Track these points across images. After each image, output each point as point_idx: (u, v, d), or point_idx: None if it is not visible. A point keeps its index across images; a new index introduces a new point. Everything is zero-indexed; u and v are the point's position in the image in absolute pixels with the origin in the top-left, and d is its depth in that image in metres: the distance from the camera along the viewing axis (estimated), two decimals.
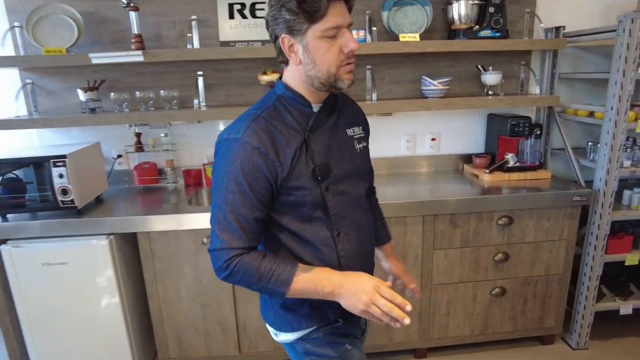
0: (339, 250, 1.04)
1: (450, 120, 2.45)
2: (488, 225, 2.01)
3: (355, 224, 1.07)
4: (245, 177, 0.93)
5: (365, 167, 1.14)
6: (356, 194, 1.08)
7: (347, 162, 1.06)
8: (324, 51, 0.92)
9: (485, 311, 2.14)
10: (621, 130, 1.95)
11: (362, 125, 1.15)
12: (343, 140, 1.07)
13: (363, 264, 1.10)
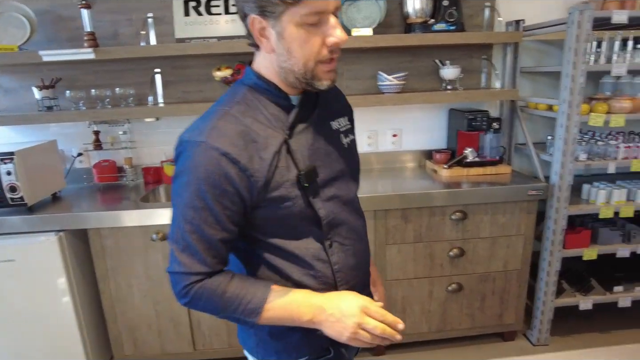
0: (333, 263, 0.90)
1: (411, 116, 2.44)
2: (441, 221, 1.99)
3: (351, 231, 0.93)
4: (210, 191, 0.77)
5: (355, 162, 1.00)
6: (348, 197, 0.94)
7: (335, 161, 0.91)
8: (302, 41, 0.75)
9: (442, 307, 2.12)
10: (574, 124, 1.93)
11: (347, 115, 1.01)
12: (329, 136, 0.91)
13: (362, 277, 0.98)
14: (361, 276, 0.97)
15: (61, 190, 2.17)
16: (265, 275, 0.89)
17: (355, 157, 1.00)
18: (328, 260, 0.89)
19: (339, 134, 0.94)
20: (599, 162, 2.03)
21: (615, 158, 2.05)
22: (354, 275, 0.94)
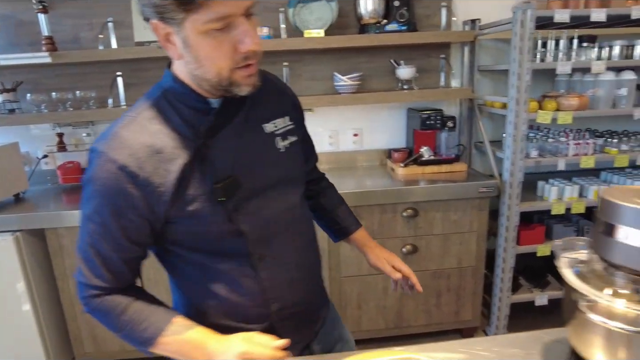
0: (263, 279, 0.84)
1: (372, 115, 2.47)
2: (393, 218, 2.02)
3: (287, 243, 0.87)
4: (108, 207, 0.73)
5: (297, 167, 0.91)
6: (285, 206, 0.86)
7: (266, 168, 0.83)
8: (210, 49, 0.67)
9: (398, 304, 2.15)
10: (522, 121, 1.95)
11: (290, 113, 0.91)
12: (259, 141, 0.83)
13: (303, 292, 0.91)
14: (302, 291, 0.91)
15: (25, 191, 2.21)
16: (193, 291, 0.87)
17: (296, 160, 0.91)
18: (257, 276, 0.83)
19: (273, 137, 0.85)
20: (550, 159, 2.05)
21: (566, 155, 2.07)
22: (290, 292, 0.89)
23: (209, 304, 0.87)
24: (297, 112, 0.96)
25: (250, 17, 0.70)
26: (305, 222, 0.94)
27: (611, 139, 2.12)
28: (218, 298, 0.85)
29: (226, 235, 0.79)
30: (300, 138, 0.94)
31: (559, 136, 2.12)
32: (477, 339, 0.91)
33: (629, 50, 2.05)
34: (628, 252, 0.60)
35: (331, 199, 1.14)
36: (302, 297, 0.92)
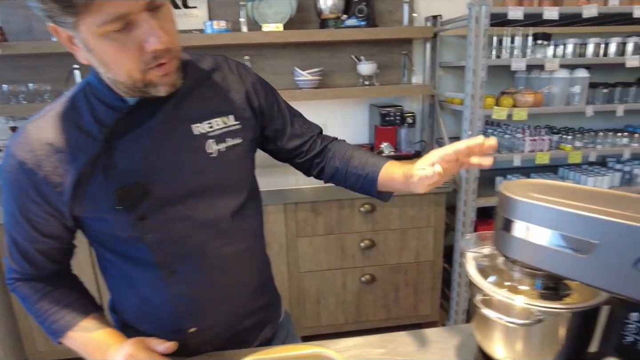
0: (174, 296, 0.79)
1: (335, 111, 2.46)
2: (350, 213, 2.02)
3: (208, 259, 0.79)
4: (14, 200, 0.72)
5: (233, 174, 0.81)
6: (210, 218, 0.78)
7: (186, 175, 0.75)
8: (114, 52, 0.62)
9: (356, 298, 2.16)
10: (478, 117, 1.97)
11: (236, 112, 0.81)
12: (182, 144, 0.75)
13: (227, 315, 0.85)
14: (225, 315, 0.85)
15: None
16: (114, 289, 0.85)
17: (234, 166, 0.81)
18: (167, 292, 0.78)
19: (204, 139, 0.76)
20: (506, 155, 2.07)
21: (522, 151, 2.10)
22: (205, 312, 0.82)
23: (126, 306, 0.86)
24: (252, 107, 0.84)
25: (157, 10, 0.63)
26: (240, 236, 0.83)
27: (566, 136, 2.16)
28: (133, 303, 0.83)
29: (134, 243, 0.75)
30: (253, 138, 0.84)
31: (517, 132, 2.15)
32: (400, 333, 0.91)
33: (582, 49, 2.08)
34: (524, 247, 0.60)
35: (341, 157, 0.91)
36: (225, 321, 0.85)
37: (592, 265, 0.53)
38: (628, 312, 0.54)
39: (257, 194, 0.92)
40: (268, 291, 0.96)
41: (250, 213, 0.85)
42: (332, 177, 0.94)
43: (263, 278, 0.93)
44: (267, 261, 0.96)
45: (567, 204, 0.56)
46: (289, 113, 0.93)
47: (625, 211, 0.52)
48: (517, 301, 0.60)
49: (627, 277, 0.51)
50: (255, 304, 0.90)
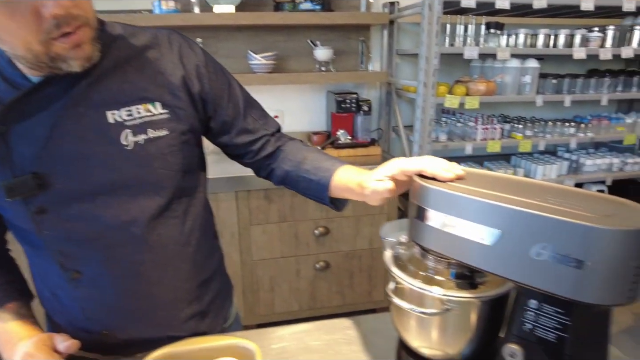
0: (79, 297, 0.73)
1: (293, 97, 2.43)
2: (304, 200, 2.00)
3: (117, 265, 0.72)
4: None
5: (153, 172, 0.71)
6: (121, 220, 0.70)
7: (94, 169, 0.67)
8: (4, 19, 0.55)
9: (311, 286, 2.16)
10: (430, 105, 1.98)
11: (165, 98, 0.71)
12: (93, 132, 0.67)
13: (135, 321, 0.77)
14: (134, 321, 0.77)
15: None
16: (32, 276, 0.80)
17: (155, 162, 0.71)
18: (73, 293, 0.73)
19: (120, 129, 0.68)
20: (458, 143, 2.10)
21: (474, 139, 2.13)
22: (116, 318, 0.75)
23: (41, 297, 0.81)
24: (190, 94, 0.74)
25: None
26: (159, 243, 0.74)
27: (517, 125, 2.21)
28: (45, 295, 0.78)
29: (34, 237, 0.69)
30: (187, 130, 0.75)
31: (470, 121, 2.18)
32: (325, 322, 0.90)
33: (532, 39, 2.12)
34: (434, 235, 0.60)
35: (292, 159, 0.84)
36: (144, 330, 0.78)
37: (495, 253, 0.53)
38: (527, 300, 0.54)
39: (193, 194, 0.80)
40: (202, 300, 0.84)
41: (175, 216, 0.75)
42: (283, 181, 0.87)
43: (194, 287, 0.82)
44: (203, 268, 0.84)
45: (475, 192, 0.55)
46: (243, 104, 0.83)
47: (531, 200, 0.52)
48: (427, 291, 0.60)
49: (526, 266, 0.51)
50: (182, 314, 0.80)
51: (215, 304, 0.88)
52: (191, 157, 0.78)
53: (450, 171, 0.61)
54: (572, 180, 2.34)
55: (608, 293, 0.47)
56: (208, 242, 0.86)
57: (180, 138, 0.73)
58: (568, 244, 0.47)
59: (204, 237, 0.83)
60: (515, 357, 0.54)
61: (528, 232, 0.50)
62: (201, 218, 0.82)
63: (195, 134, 0.78)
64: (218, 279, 0.90)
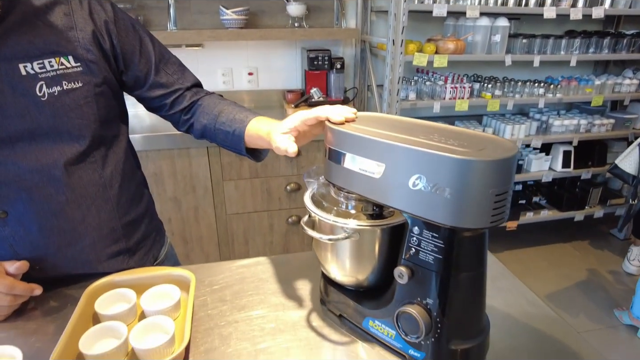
0: (6, 237, 0.78)
1: (267, 54, 2.43)
2: (275, 157, 2.06)
3: (40, 205, 0.77)
4: None
5: (67, 121, 0.76)
6: (41, 164, 0.75)
7: (9, 118, 0.72)
8: None
9: (284, 239, 2.25)
10: (399, 63, 2.00)
11: (76, 52, 0.75)
12: (5, 84, 0.70)
13: (63, 257, 0.82)
14: (62, 257, 0.82)
15: None
16: None
17: (71, 112, 0.75)
18: (2, 231, 0.77)
19: (35, 81, 0.71)
20: (426, 101, 2.14)
21: (443, 98, 2.17)
22: (46, 254, 0.81)
23: None
24: (101, 49, 0.78)
25: None
26: (80, 184, 0.80)
27: (487, 84, 2.24)
28: None
29: None
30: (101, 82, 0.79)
31: (439, 80, 2.21)
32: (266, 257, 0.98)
33: None
34: (339, 172, 0.66)
35: (209, 113, 0.89)
36: (72, 265, 0.84)
37: (382, 185, 0.59)
38: (412, 227, 0.61)
39: (113, 142, 0.86)
40: (129, 240, 0.91)
41: (93, 161, 0.82)
42: (202, 135, 0.91)
43: (119, 227, 0.88)
44: (128, 210, 0.91)
45: (368, 131, 0.61)
46: (156, 59, 0.87)
47: (415, 138, 0.58)
48: (330, 220, 0.67)
49: (406, 195, 0.57)
50: (109, 250, 0.87)
51: (143, 244, 0.96)
52: (107, 108, 0.83)
53: (341, 115, 0.69)
54: (539, 140, 2.40)
55: (471, 217, 0.54)
56: (132, 187, 0.93)
57: (94, 90, 0.78)
58: (437, 175, 0.54)
59: (126, 182, 0.90)
60: (402, 277, 0.62)
61: (406, 165, 0.56)
62: (122, 164, 0.88)
63: (110, 86, 0.83)
64: (147, 222, 0.97)
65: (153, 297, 0.77)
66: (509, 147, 0.55)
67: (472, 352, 0.64)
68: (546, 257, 2.72)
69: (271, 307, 0.81)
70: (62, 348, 0.64)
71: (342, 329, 0.75)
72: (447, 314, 0.61)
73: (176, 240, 2.10)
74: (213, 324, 0.76)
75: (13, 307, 0.76)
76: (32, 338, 0.73)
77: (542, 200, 2.82)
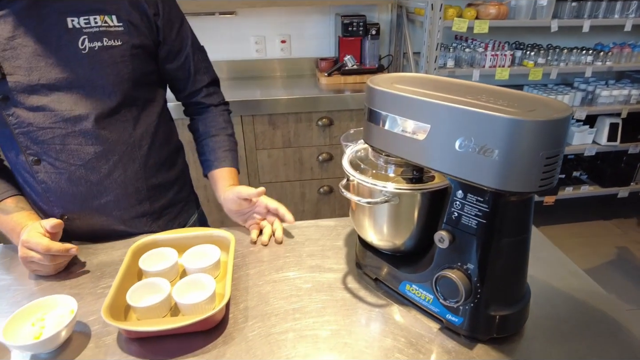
0: (39, 182, 0.84)
1: (300, 21, 2.38)
2: (308, 127, 2.05)
3: (70, 155, 0.82)
4: None
5: (104, 75, 0.81)
6: (74, 115, 0.80)
7: (54, 67, 0.77)
8: None
9: (315, 208, 2.27)
10: (437, 28, 1.93)
11: (120, 12, 0.80)
12: (51, 34, 0.76)
13: (88, 208, 0.88)
14: (87, 208, 0.87)
15: None
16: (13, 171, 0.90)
17: (107, 67, 0.80)
18: (34, 177, 0.84)
19: (79, 35, 0.77)
20: (465, 69, 2.06)
21: (483, 66, 2.08)
22: (73, 203, 0.86)
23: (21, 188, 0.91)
24: (145, 14, 0.83)
25: None
26: (107, 140, 0.84)
27: (529, 52, 2.13)
28: (19, 184, 0.89)
29: (5, 129, 0.80)
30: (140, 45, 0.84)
31: (479, 47, 2.12)
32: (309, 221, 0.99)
33: None
34: (380, 134, 0.64)
35: (208, 126, 1.01)
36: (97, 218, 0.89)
37: (427, 147, 0.58)
38: (455, 191, 0.59)
39: (146, 105, 0.90)
40: (154, 203, 0.95)
41: (125, 120, 0.86)
42: (193, 133, 1.05)
43: (144, 188, 0.93)
44: (155, 174, 0.95)
45: (413, 91, 0.59)
46: (191, 43, 0.95)
47: (462, 98, 0.56)
48: (369, 183, 0.66)
49: (452, 158, 0.55)
50: (132, 210, 0.92)
51: (169, 211, 1.00)
52: (142, 71, 0.87)
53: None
54: (584, 111, 2.28)
55: (519, 181, 0.52)
56: (164, 152, 0.97)
57: (131, 51, 0.83)
58: (486, 136, 0.52)
59: (157, 146, 0.94)
60: (443, 241, 0.61)
61: (453, 126, 0.54)
62: (154, 128, 0.93)
63: (147, 50, 0.87)
64: (176, 190, 1.02)
65: (194, 256, 0.79)
66: (562, 108, 0.52)
67: (511, 319, 0.64)
68: (584, 233, 2.63)
69: (307, 268, 0.82)
70: (111, 300, 0.67)
71: (378, 292, 0.75)
72: (488, 280, 0.60)
73: (211, 207, 2.15)
74: (252, 283, 0.78)
75: (57, 267, 0.80)
76: (82, 291, 0.77)
77: (583, 175, 2.71)
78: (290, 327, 0.68)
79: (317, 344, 0.64)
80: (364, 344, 0.64)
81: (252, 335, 0.66)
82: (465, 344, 0.64)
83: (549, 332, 0.66)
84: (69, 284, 0.79)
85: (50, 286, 0.78)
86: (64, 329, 0.63)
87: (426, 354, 0.62)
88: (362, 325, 0.68)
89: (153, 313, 0.68)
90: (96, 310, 0.72)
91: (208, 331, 0.67)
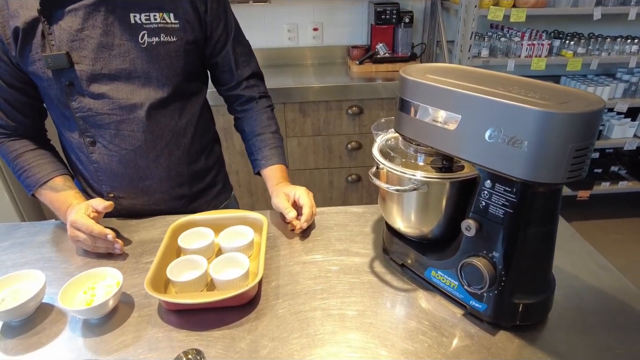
0: (92, 162, 0.92)
1: (333, 8, 2.39)
2: (338, 115, 2.07)
3: (122, 139, 0.89)
4: None
5: (158, 69, 0.87)
6: (129, 103, 0.87)
7: (116, 58, 0.84)
8: None
9: (342, 196, 2.30)
10: (472, 17, 1.89)
11: (177, 11, 0.86)
12: (117, 29, 0.83)
13: (134, 189, 0.96)
14: (133, 188, 0.95)
15: None
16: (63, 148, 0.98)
17: (162, 61, 0.87)
18: (88, 157, 0.92)
19: (139, 30, 0.84)
20: (500, 59, 2.02)
21: (518, 56, 2.03)
22: (121, 183, 0.94)
23: (71, 168, 0.99)
24: (197, 13, 0.89)
25: None
26: (156, 128, 0.91)
27: (569, 41, 2.06)
28: (72, 162, 0.97)
29: (65, 107, 0.87)
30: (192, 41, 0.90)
31: (515, 36, 2.07)
32: (340, 207, 1.01)
33: None
34: (410, 124, 0.66)
35: (253, 125, 1.04)
36: (141, 198, 0.97)
37: (457, 137, 0.59)
38: (484, 181, 0.61)
39: (191, 98, 0.96)
40: (192, 187, 1.03)
41: (172, 110, 0.93)
42: (240, 133, 1.09)
43: (185, 173, 1.00)
44: (196, 161, 1.01)
45: (446, 82, 0.60)
46: (234, 34, 0.98)
47: (493, 89, 0.57)
48: (398, 171, 0.68)
49: (482, 148, 0.57)
50: (173, 192, 1.00)
51: (204, 194, 1.07)
52: (192, 65, 0.93)
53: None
54: (626, 104, 2.20)
55: (548, 172, 0.53)
56: (204, 140, 1.04)
57: (184, 47, 0.89)
58: (516, 127, 0.53)
59: (199, 134, 1.01)
60: (470, 230, 0.63)
61: (484, 117, 0.55)
62: (197, 118, 0.99)
63: (198, 46, 0.93)
64: (213, 175, 1.09)
65: (229, 236, 0.84)
66: (595, 101, 0.53)
67: (534, 308, 0.65)
68: (620, 230, 2.55)
69: (335, 252, 0.85)
70: (153, 274, 0.72)
71: (404, 277, 0.77)
72: (512, 269, 0.61)
73: (242, 191, 2.21)
74: (283, 263, 0.82)
75: (98, 248, 0.85)
76: (125, 265, 0.83)
77: (622, 170, 2.61)
78: (318, 305, 0.71)
79: (343, 322, 0.68)
80: (388, 325, 0.67)
81: (282, 312, 0.70)
82: (488, 330, 0.66)
83: (574, 322, 0.67)
84: (113, 259, 0.85)
85: (97, 260, 0.85)
86: (112, 298, 0.69)
87: (449, 338, 0.65)
88: (387, 308, 0.71)
89: (191, 287, 0.73)
90: (138, 283, 0.77)
91: (241, 306, 0.71)
